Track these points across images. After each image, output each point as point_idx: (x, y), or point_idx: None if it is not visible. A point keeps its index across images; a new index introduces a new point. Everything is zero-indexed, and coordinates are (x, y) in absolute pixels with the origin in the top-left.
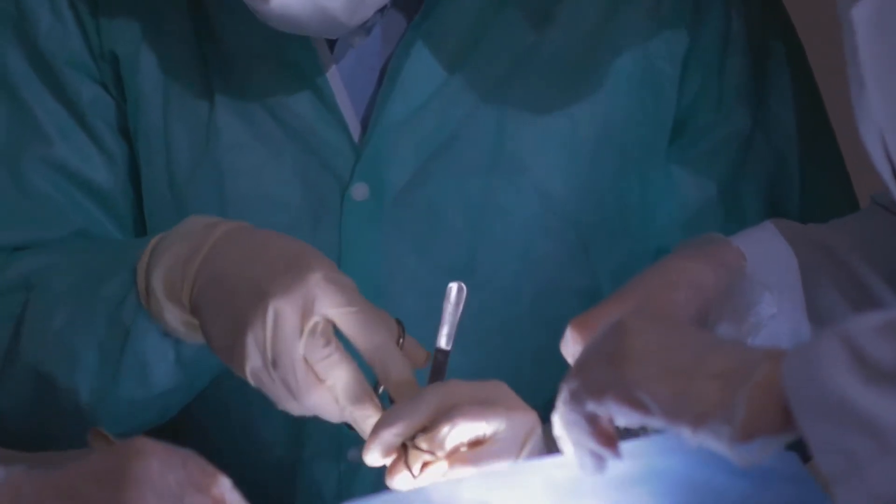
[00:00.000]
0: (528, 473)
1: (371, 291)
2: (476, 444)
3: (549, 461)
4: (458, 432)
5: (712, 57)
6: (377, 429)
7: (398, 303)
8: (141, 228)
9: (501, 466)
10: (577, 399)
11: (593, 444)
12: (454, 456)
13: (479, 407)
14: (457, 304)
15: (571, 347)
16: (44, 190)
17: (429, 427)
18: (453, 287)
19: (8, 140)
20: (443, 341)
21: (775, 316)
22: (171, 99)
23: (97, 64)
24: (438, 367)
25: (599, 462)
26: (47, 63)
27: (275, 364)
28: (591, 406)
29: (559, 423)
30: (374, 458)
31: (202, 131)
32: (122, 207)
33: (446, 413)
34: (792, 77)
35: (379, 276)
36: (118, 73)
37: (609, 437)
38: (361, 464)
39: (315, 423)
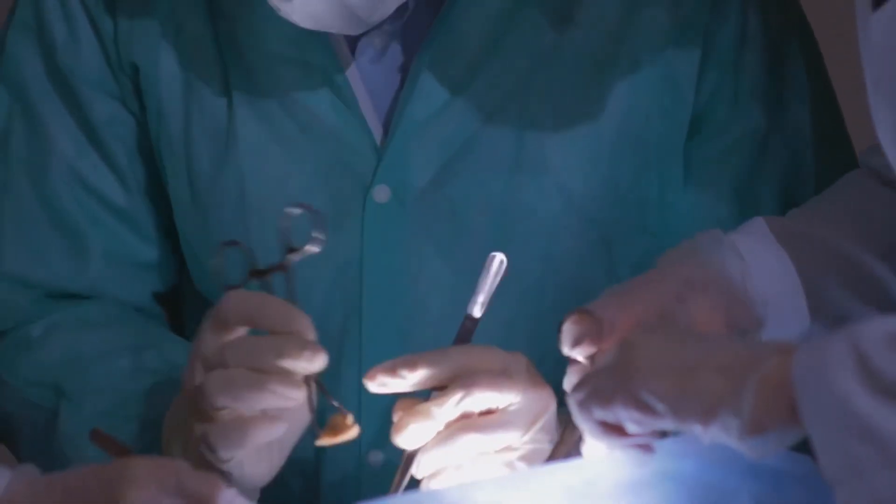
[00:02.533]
0: (542, 477)
1: (393, 293)
2: (488, 412)
3: (563, 465)
4: (472, 401)
5: (729, 55)
6: (397, 361)
7: (422, 305)
8: (166, 241)
9: (518, 469)
10: (585, 409)
11: (626, 443)
12: (463, 421)
13: (498, 377)
14: (495, 275)
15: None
16: (68, 207)
17: (443, 393)
18: (495, 257)
19: (29, 155)
20: (475, 309)
21: (770, 308)
22: (190, 105)
23: (116, 77)
24: (465, 334)
25: (646, 449)
26: (64, 78)
27: None
28: (599, 413)
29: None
30: (378, 384)
31: (222, 136)
32: (142, 223)
33: (464, 378)
34: (808, 76)
35: (402, 279)
36: (138, 84)
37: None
38: (381, 468)
39: None
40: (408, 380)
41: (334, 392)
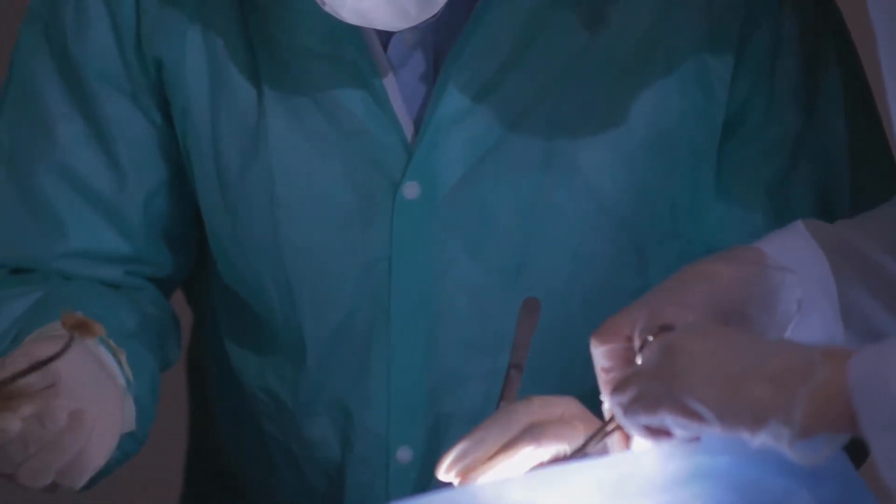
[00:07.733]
0: (575, 474)
1: (421, 291)
2: (553, 461)
3: (597, 461)
4: (541, 452)
5: (764, 59)
6: (466, 450)
7: (448, 302)
8: (153, 244)
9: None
10: (630, 414)
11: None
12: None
13: (560, 426)
14: (532, 319)
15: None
16: (49, 202)
17: (511, 444)
18: (528, 302)
19: (20, 144)
20: (519, 358)
21: (803, 310)
22: (218, 100)
23: (130, 75)
24: (511, 383)
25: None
26: (74, 70)
27: None
28: (644, 419)
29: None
30: (453, 476)
31: (251, 132)
32: (130, 224)
33: (530, 431)
34: (844, 80)
35: (430, 276)
36: (161, 81)
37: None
38: (409, 465)
39: (363, 423)
40: (483, 459)
41: (365, 388)
